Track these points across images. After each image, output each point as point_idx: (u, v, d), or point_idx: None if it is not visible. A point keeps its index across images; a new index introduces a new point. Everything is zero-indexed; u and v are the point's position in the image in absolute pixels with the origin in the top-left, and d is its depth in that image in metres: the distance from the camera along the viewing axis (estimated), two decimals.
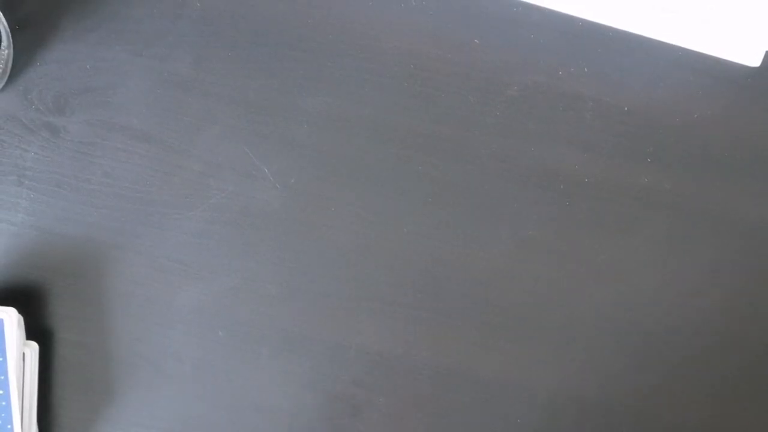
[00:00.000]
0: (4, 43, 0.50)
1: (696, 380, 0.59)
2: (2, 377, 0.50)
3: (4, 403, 0.51)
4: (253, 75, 0.54)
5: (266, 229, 0.55)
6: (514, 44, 0.55)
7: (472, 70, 0.55)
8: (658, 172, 0.57)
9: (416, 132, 0.55)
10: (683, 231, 0.58)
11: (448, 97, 0.55)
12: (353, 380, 0.57)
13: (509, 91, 0.56)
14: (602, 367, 0.58)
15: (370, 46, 0.54)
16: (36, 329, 0.54)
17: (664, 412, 0.59)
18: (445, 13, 0.55)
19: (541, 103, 0.56)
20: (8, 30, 0.51)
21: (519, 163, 0.56)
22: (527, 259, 0.57)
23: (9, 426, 0.51)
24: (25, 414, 0.52)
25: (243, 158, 0.55)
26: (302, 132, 0.55)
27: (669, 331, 0.58)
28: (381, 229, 0.56)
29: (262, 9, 0.54)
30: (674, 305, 0.58)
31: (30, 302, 0.54)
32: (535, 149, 0.56)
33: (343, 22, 0.54)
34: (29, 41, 0.52)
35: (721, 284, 0.58)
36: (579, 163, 0.56)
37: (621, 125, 0.57)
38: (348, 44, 0.54)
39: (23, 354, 0.52)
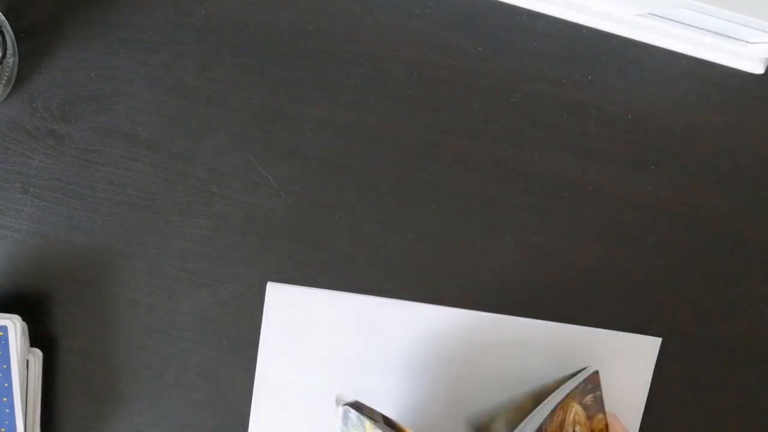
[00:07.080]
0: (10, 51, 0.51)
1: (702, 385, 0.59)
2: (6, 384, 0.50)
3: (8, 410, 0.51)
4: (257, 83, 0.54)
5: (270, 237, 0.55)
6: (518, 52, 0.55)
7: (476, 78, 0.55)
8: (662, 180, 0.57)
9: (420, 140, 0.55)
10: (688, 238, 0.58)
11: (452, 105, 0.55)
12: None
13: (513, 99, 0.56)
14: None
15: (374, 55, 0.55)
16: (40, 336, 0.54)
17: (671, 419, 0.59)
18: (449, 21, 0.55)
19: (544, 111, 0.56)
20: (13, 38, 0.51)
21: (523, 170, 0.56)
22: (531, 266, 0.57)
23: None
24: (29, 421, 0.52)
25: (247, 166, 0.55)
26: (306, 140, 0.55)
27: (676, 337, 0.58)
28: (385, 237, 0.56)
29: (266, 17, 0.54)
30: (679, 312, 0.58)
31: (34, 310, 0.54)
32: (538, 157, 0.56)
33: (347, 30, 0.54)
34: (34, 49, 0.52)
35: (727, 291, 0.58)
36: (583, 170, 0.56)
37: (625, 133, 0.56)
38: (352, 52, 0.54)
39: (27, 361, 0.52)
